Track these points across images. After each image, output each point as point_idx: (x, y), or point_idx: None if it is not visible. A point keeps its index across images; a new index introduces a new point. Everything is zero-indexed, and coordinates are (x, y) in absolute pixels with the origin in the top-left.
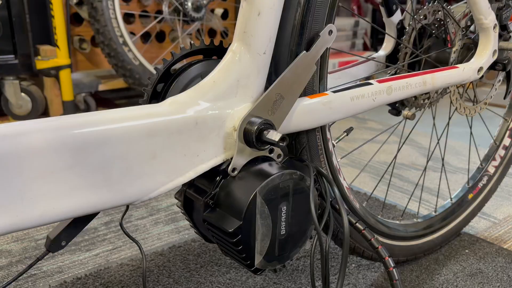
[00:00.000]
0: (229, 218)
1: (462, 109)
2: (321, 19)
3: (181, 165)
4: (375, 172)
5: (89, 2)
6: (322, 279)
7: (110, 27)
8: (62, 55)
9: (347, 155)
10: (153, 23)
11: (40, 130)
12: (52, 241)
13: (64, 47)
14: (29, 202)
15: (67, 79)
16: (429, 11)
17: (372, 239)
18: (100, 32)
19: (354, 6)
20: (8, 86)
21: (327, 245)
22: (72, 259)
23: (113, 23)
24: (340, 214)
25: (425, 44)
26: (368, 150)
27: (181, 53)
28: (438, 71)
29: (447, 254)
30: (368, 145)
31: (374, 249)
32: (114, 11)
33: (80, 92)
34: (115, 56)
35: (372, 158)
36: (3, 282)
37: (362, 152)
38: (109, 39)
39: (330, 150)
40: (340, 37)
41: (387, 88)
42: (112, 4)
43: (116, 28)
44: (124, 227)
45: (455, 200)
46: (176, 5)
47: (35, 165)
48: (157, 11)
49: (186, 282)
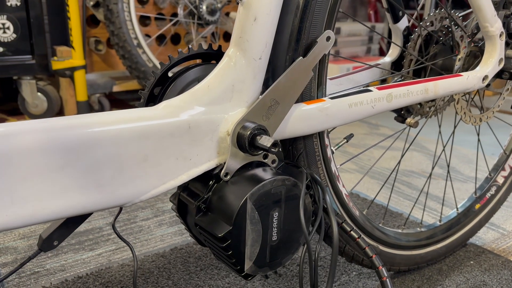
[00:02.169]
0: (220, 223)
1: (467, 118)
2: (319, 25)
3: (173, 169)
4: (383, 179)
5: (105, 4)
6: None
7: (125, 29)
8: (77, 56)
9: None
10: (168, 26)
11: (30, 131)
12: (45, 241)
13: (79, 48)
14: (19, 202)
15: (81, 79)
16: (436, 18)
17: (366, 248)
18: (115, 34)
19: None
20: (25, 85)
21: (317, 253)
22: (75, 258)
23: (128, 25)
24: (330, 221)
25: (431, 51)
26: (378, 156)
27: (179, 57)
28: (441, 78)
29: (451, 264)
30: (378, 151)
31: (368, 257)
32: (129, 14)
33: (94, 93)
34: (129, 57)
35: (381, 165)
36: (7, 279)
37: (372, 159)
38: (123, 41)
39: (329, 156)
40: (355, 42)
41: (387, 96)
42: (128, 6)
43: (130, 30)
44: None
45: (461, 210)
46: (191, 8)
47: (25, 165)
48: (173, 14)
49: (185, 284)
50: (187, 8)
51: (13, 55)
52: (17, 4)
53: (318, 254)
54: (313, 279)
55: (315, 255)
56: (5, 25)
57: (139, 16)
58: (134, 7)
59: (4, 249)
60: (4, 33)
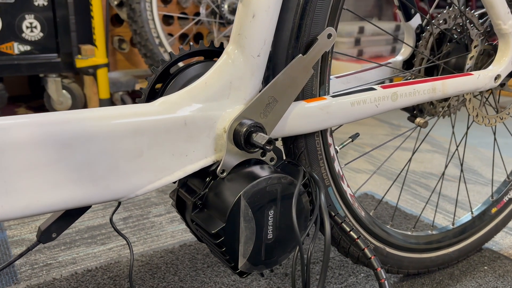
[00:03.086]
0: (214, 220)
1: (480, 118)
2: (321, 22)
3: (169, 164)
4: (400, 181)
5: (128, 4)
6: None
7: (147, 28)
8: (100, 55)
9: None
10: (189, 25)
11: (25, 126)
12: (43, 232)
13: (102, 46)
14: (13, 194)
15: (103, 77)
16: (449, 15)
17: (365, 249)
18: (137, 33)
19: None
20: (51, 83)
21: (310, 253)
22: (87, 252)
23: (150, 24)
24: (323, 221)
25: (444, 50)
26: (397, 158)
27: (180, 54)
28: (449, 77)
29: (464, 269)
30: (397, 152)
31: (367, 259)
32: (152, 13)
33: (117, 91)
34: (151, 56)
35: (399, 166)
36: (20, 269)
37: (390, 160)
38: (145, 40)
39: (332, 155)
40: (379, 41)
41: (392, 94)
42: (150, 6)
43: (153, 29)
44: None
45: (476, 213)
46: (213, 7)
47: (20, 159)
48: (196, 13)
49: (191, 280)
50: (209, 7)
51: (40, 53)
52: (44, 4)
53: (311, 254)
54: (305, 279)
55: (308, 255)
56: (33, 24)
57: (162, 15)
58: (156, 7)
59: (20, 241)
60: (32, 32)
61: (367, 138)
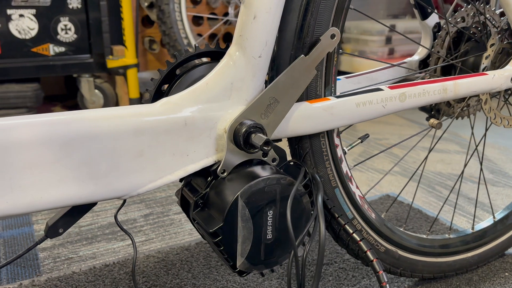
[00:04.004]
0: (213, 219)
1: (498, 119)
2: (324, 22)
3: (170, 164)
4: (426, 183)
5: (158, 5)
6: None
7: (176, 29)
8: (130, 55)
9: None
10: (218, 25)
11: (29, 125)
12: (50, 228)
13: (131, 47)
14: (18, 190)
15: (133, 77)
16: (467, 13)
17: (368, 251)
18: (166, 34)
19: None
20: (84, 83)
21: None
22: (107, 247)
23: (179, 25)
24: (319, 222)
25: (462, 49)
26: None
27: (185, 56)
28: (462, 77)
29: (483, 275)
30: (425, 154)
31: (369, 261)
32: (180, 14)
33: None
34: None
35: (426, 168)
36: (44, 262)
37: (417, 161)
38: (174, 40)
39: (339, 156)
40: (402, 40)
41: (400, 95)
42: (179, 7)
43: (181, 30)
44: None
45: (498, 217)
46: None
47: (24, 157)
48: (225, 13)
49: (204, 278)
50: (237, 7)
51: (74, 54)
52: (78, 6)
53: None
54: (300, 281)
55: (303, 256)
56: (67, 26)
57: (191, 16)
58: (185, 8)
59: None
60: (66, 34)
61: (394, 138)
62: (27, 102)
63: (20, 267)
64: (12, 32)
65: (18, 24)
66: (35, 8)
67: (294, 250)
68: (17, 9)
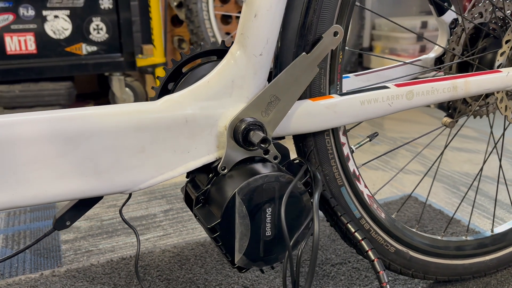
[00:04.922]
0: (212, 215)
1: None
2: (328, 20)
3: (171, 160)
4: (451, 183)
5: (186, 4)
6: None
7: (203, 28)
8: (158, 54)
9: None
10: None
11: (33, 122)
12: (58, 220)
13: (159, 46)
14: (23, 184)
15: None
16: (485, 9)
17: (369, 251)
18: (194, 33)
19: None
20: (115, 81)
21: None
22: (126, 241)
23: (206, 24)
24: (312, 220)
25: (479, 46)
26: (451, 159)
27: (190, 54)
28: (473, 75)
29: (502, 279)
30: (453, 153)
31: (370, 261)
32: (208, 13)
33: None
34: None
35: (452, 168)
36: (65, 254)
37: (444, 161)
38: (201, 39)
39: (346, 155)
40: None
41: (407, 93)
42: (206, 6)
43: (208, 29)
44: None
45: None
46: None
47: (28, 152)
48: None
49: (216, 273)
50: None
51: (105, 53)
52: (109, 7)
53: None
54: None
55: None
56: (99, 26)
57: (220, 15)
58: (212, 6)
59: (69, 228)
60: (98, 33)
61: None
62: (61, 99)
63: (43, 258)
64: (48, 32)
65: (53, 25)
66: (69, 9)
67: (288, 248)
68: (52, 10)
